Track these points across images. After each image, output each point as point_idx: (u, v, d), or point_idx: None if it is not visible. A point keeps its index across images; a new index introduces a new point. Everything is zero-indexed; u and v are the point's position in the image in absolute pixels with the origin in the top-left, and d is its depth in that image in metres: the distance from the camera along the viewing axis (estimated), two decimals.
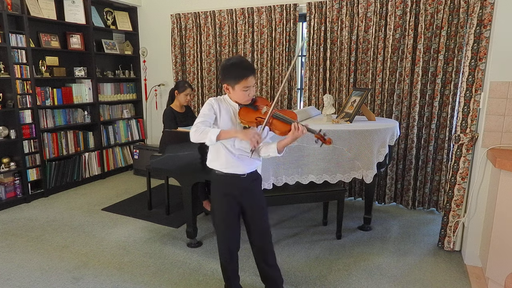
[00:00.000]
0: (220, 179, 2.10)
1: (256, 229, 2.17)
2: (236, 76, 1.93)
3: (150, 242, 3.12)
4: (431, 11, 3.45)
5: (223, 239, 2.19)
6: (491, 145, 2.57)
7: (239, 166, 2.05)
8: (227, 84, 1.99)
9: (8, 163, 3.92)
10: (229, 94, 2.03)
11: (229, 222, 2.14)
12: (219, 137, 1.89)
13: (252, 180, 2.12)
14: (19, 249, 2.98)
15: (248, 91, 1.96)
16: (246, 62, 2.00)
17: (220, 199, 2.13)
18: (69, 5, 4.46)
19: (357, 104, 3.27)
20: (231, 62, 1.97)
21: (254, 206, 2.15)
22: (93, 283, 2.51)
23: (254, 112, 2.00)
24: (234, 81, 1.95)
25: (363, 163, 2.94)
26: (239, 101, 2.01)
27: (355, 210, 3.83)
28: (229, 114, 2.02)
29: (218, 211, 2.15)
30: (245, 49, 4.43)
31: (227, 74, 1.97)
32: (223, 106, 2.03)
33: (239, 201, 2.12)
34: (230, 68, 1.96)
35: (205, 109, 2.01)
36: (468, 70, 2.70)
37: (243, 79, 1.93)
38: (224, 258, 2.21)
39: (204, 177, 2.93)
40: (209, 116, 1.98)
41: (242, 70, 1.93)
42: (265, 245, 2.19)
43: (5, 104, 3.85)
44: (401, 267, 2.74)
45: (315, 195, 3.02)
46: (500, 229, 2.36)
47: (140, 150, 5.03)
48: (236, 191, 2.09)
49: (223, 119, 2.01)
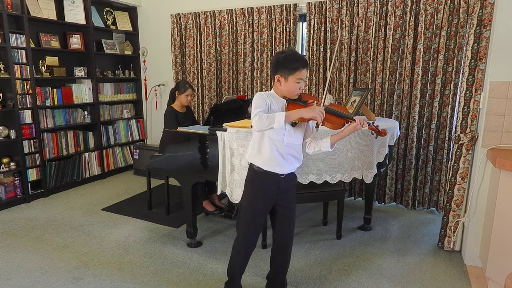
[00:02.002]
0: (259, 176, 2.07)
1: (283, 229, 2.18)
2: (291, 67, 1.92)
3: (150, 242, 3.12)
4: (431, 11, 3.45)
5: (245, 236, 2.16)
6: (491, 145, 2.57)
7: (280, 165, 2.03)
8: (280, 75, 1.96)
9: (8, 163, 3.92)
10: (279, 87, 1.99)
11: (258, 220, 2.14)
12: (287, 118, 1.84)
13: (289, 181, 2.11)
14: (19, 249, 2.98)
15: (300, 84, 1.95)
16: (300, 55, 2.01)
17: (255, 196, 2.11)
18: (69, 5, 4.46)
19: (357, 104, 3.27)
20: (286, 54, 1.96)
21: (286, 207, 2.15)
22: (93, 283, 2.51)
23: (303, 107, 1.98)
24: (288, 71, 1.93)
25: (363, 163, 2.94)
26: (289, 94, 1.99)
27: (355, 210, 3.83)
28: (278, 109, 1.99)
29: (250, 208, 2.13)
30: (245, 49, 4.43)
31: (282, 65, 1.94)
32: (272, 101, 2.00)
33: (274, 201, 2.11)
34: (285, 59, 1.94)
35: (258, 100, 1.95)
36: (468, 70, 2.70)
37: (298, 71, 1.92)
38: (238, 256, 2.19)
39: (204, 177, 2.93)
40: (265, 106, 1.94)
41: (297, 62, 1.92)
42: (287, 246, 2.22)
43: (5, 104, 3.85)
44: (401, 267, 2.74)
45: (315, 195, 3.02)
46: (500, 229, 2.36)
47: (140, 150, 5.03)
48: (273, 190, 2.07)
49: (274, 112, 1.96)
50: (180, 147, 2.92)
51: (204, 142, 2.77)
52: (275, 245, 2.25)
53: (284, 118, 1.82)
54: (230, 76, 4.59)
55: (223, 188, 2.69)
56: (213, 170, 2.73)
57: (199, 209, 3.52)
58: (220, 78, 4.69)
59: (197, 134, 2.81)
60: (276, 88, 2.03)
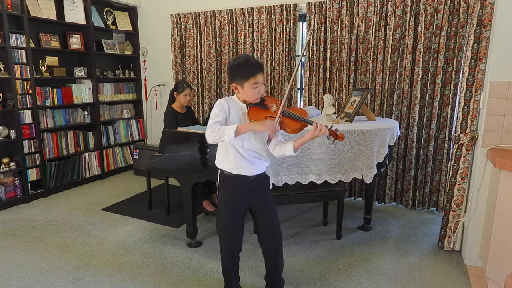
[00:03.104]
0: (228, 180, 2.09)
1: (264, 230, 2.18)
2: (244, 74, 1.92)
3: (150, 242, 3.12)
4: (431, 11, 3.45)
5: (227, 240, 2.17)
6: (491, 145, 2.57)
7: (247, 168, 2.03)
8: (236, 84, 1.97)
9: (8, 163, 3.92)
10: (238, 94, 2.01)
11: (235, 223, 2.14)
12: (237, 132, 1.84)
13: (260, 182, 2.12)
14: (19, 249, 2.98)
15: (257, 89, 1.95)
16: (253, 60, 1.99)
17: (227, 200, 2.12)
18: (69, 5, 4.46)
19: (357, 104, 3.27)
20: (238, 61, 1.96)
21: (262, 206, 2.15)
22: (93, 283, 2.51)
23: (263, 111, 1.98)
24: (242, 79, 1.93)
25: (363, 163, 2.94)
26: (249, 100, 1.99)
27: (355, 210, 3.83)
28: (238, 114, 2.00)
29: (225, 212, 2.14)
30: (245, 49, 4.43)
31: (235, 73, 1.96)
32: (232, 106, 2.00)
33: (246, 202, 2.11)
34: (238, 67, 1.95)
35: (216, 110, 1.98)
36: (468, 70, 2.70)
37: (252, 77, 1.92)
38: (227, 260, 2.21)
39: (204, 177, 2.93)
40: (221, 116, 1.95)
41: (250, 68, 1.92)
42: (273, 246, 2.20)
43: (5, 104, 3.85)
44: (401, 267, 2.74)
45: (315, 195, 3.02)
46: (500, 229, 2.36)
47: (140, 150, 5.03)
48: (244, 192, 2.08)
49: (232, 119, 1.98)
50: (180, 147, 2.92)
51: (204, 142, 2.76)
52: (263, 247, 2.23)
53: (234, 132, 1.82)
54: None
55: None
56: (213, 170, 2.71)
57: (199, 209, 3.52)
58: (220, 78, 4.69)
59: (197, 134, 2.81)
60: (237, 93, 2.03)
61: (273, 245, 2.19)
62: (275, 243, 2.19)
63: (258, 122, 1.89)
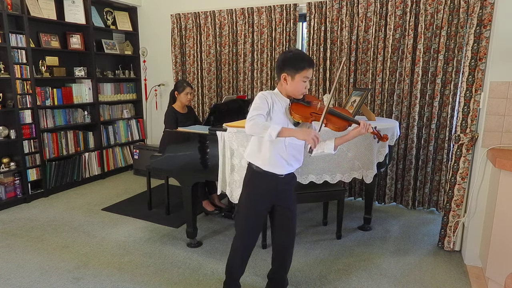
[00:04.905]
0: (258, 176, 2.05)
1: (282, 230, 2.17)
2: (298, 66, 1.92)
3: (150, 242, 3.12)
4: (431, 11, 3.45)
5: (243, 235, 2.15)
6: (491, 145, 2.57)
7: (280, 166, 2.01)
8: (287, 74, 1.95)
9: (8, 163, 3.92)
10: (285, 86, 1.98)
11: (256, 220, 2.13)
12: (280, 134, 1.79)
13: (288, 182, 2.10)
14: (19, 249, 2.98)
15: (306, 83, 1.96)
16: (306, 55, 2.02)
17: (253, 196, 2.09)
18: (69, 5, 4.46)
19: (357, 104, 3.27)
20: (293, 53, 1.98)
21: (286, 208, 2.13)
22: (93, 283, 2.51)
23: (307, 107, 1.98)
24: (295, 70, 1.92)
25: (363, 163, 2.94)
26: (294, 93, 1.98)
27: (355, 210, 3.83)
28: (281, 109, 1.98)
29: (248, 208, 2.11)
30: (245, 49, 4.43)
31: (289, 63, 1.94)
32: (275, 100, 1.98)
33: (271, 201, 2.10)
34: (293, 57, 1.95)
35: (259, 101, 1.92)
36: (468, 70, 2.70)
37: (304, 69, 1.92)
38: (236, 254, 2.18)
39: (204, 177, 2.93)
40: (263, 109, 1.90)
41: (304, 61, 1.93)
42: (287, 247, 2.20)
43: (5, 104, 3.85)
44: (401, 267, 2.74)
45: (315, 195, 3.02)
46: (500, 229, 2.36)
47: (140, 150, 5.03)
48: (272, 190, 2.06)
49: (276, 113, 1.95)
50: (180, 147, 2.92)
51: (204, 142, 2.77)
52: (275, 246, 2.24)
53: (277, 133, 1.78)
54: (230, 76, 4.59)
55: (223, 188, 2.69)
56: (213, 170, 2.73)
57: (199, 209, 3.52)
58: (220, 78, 4.69)
59: (197, 134, 2.81)
60: (280, 87, 2.01)
61: (288, 243, 2.19)
62: (290, 242, 2.20)
63: (301, 130, 1.87)
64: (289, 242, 2.20)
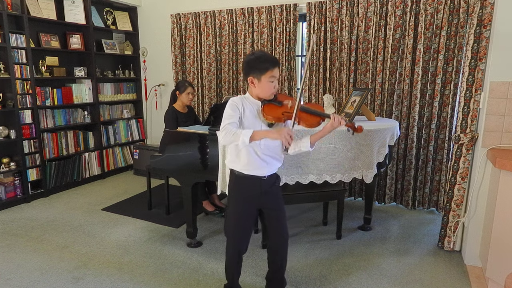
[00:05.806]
0: (240, 180, 2.07)
1: (274, 231, 2.18)
2: (261, 67, 1.93)
3: (150, 242, 3.12)
4: (431, 11, 3.45)
5: (234, 241, 2.16)
6: (491, 145, 2.57)
7: (260, 168, 2.02)
8: (253, 77, 1.96)
9: (8, 163, 3.92)
10: (253, 89, 1.99)
11: (245, 224, 2.14)
12: (252, 138, 1.83)
13: (272, 183, 2.11)
14: (19, 249, 2.98)
15: (273, 83, 1.96)
16: (269, 55, 2.02)
17: (239, 201, 2.11)
18: (69, 5, 4.46)
19: (357, 104, 3.27)
20: (256, 55, 1.98)
21: (272, 209, 2.14)
22: (93, 283, 2.51)
23: (279, 107, 1.98)
24: (260, 72, 1.93)
25: (363, 163, 2.94)
26: (264, 95, 1.98)
27: (355, 210, 3.83)
28: (252, 112, 1.99)
29: (235, 213, 2.13)
30: (245, 49, 4.43)
31: (253, 66, 1.95)
32: (246, 104, 1.99)
33: (257, 203, 2.11)
34: (256, 60, 1.95)
35: (229, 109, 1.95)
36: (468, 70, 2.70)
37: (269, 70, 1.93)
38: (232, 261, 2.20)
39: (204, 177, 2.93)
40: (235, 117, 1.93)
41: (267, 62, 1.94)
42: (281, 247, 2.20)
43: (5, 104, 3.85)
44: (401, 267, 2.74)
45: (315, 195, 3.02)
46: (500, 229, 2.36)
47: (140, 150, 5.03)
48: (256, 193, 2.07)
49: (248, 117, 1.97)
50: (180, 147, 2.92)
51: (204, 142, 2.77)
52: (269, 247, 2.25)
53: (249, 138, 1.81)
54: (230, 76, 4.59)
55: (223, 188, 2.69)
56: (213, 170, 2.73)
57: (199, 209, 3.52)
58: (220, 78, 4.69)
59: (197, 134, 2.81)
60: (250, 91, 2.03)
61: (281, 243, 2.20)
62: (283, 243, 2.20)
63: (274, 130, 1.90)
64: (282, 242, 2.20)
